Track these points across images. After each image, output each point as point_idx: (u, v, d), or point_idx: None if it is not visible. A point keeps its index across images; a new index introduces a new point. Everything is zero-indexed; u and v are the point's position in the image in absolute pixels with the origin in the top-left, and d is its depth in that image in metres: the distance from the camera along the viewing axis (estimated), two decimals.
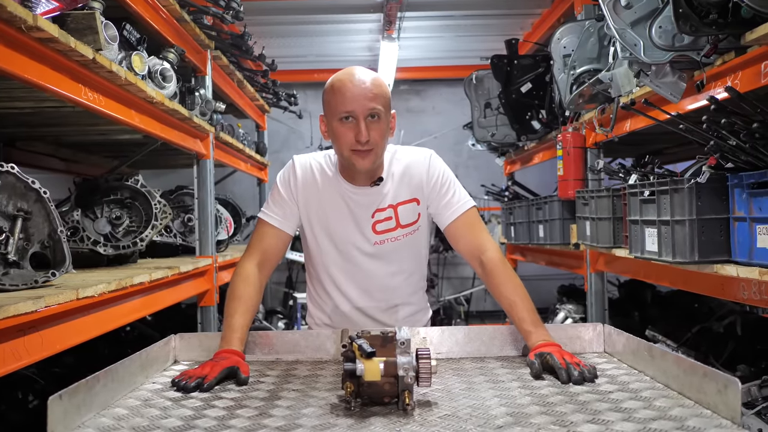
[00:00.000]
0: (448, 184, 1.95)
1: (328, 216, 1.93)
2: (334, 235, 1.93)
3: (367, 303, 1.96)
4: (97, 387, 1.32)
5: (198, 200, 3.65)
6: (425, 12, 5.62)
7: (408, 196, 1.93)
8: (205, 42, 3.67)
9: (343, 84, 1.80)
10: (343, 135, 1.80)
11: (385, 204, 1.92)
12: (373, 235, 1.92)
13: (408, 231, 1.94)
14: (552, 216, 4.22)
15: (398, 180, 1.94)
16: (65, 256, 2.16)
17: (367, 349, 1.29)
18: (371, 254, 1.94)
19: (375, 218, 1.92)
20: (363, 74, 1.81)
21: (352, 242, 1.93)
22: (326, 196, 1.93)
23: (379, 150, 1.84)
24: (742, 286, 2.22)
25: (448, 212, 1.93)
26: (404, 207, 1.93)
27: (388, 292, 1.97)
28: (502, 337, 1.77)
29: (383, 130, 1.81)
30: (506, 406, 1.31)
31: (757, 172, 2.08)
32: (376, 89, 1.79)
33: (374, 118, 1.79)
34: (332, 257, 1.95)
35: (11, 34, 1.77)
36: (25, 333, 1.79)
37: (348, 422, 1.24)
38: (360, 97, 1.77)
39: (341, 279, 1.96)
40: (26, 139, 3.63)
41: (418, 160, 1.96)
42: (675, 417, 1.20)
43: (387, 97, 1.83)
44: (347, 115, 1.78)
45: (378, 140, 1.80)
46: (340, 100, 1.79)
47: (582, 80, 3.36)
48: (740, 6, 1.98)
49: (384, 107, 1.80)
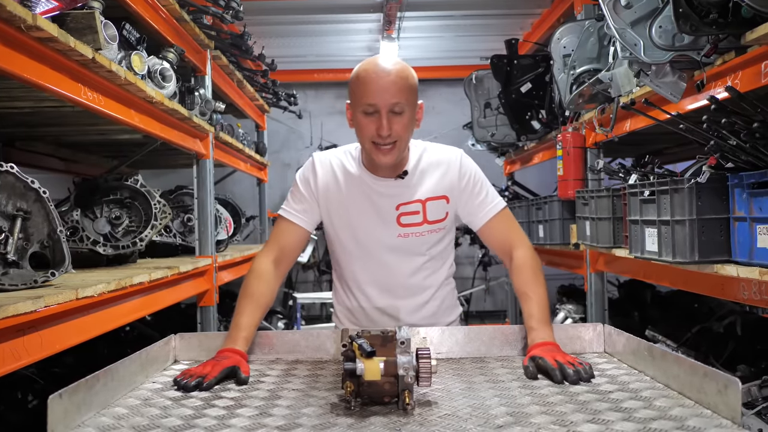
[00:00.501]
0: (480, 184, 1.95)
1: (349, 210, 1.91)
2: (357, 229, 1.91)
3: (390, 301, 1.94)
4: (98, 386, 1.32)
5: (197, 200, 3.65)
6: (425, 12, 5.62)
7: (438, 193, 1.91)
8: (204, 42, 3.67)
9: (368, 75, 1.78)
10: (366, 127, 1.79)
11: (413, 198, 1.90)
12: (397, 227, 1.89)
13: (434, 228, 1.92)
14: (552, 216, 4.22)
15: (428, 176, 1.92)
16: (65, 256, 2.16)
17: (367, 348, 1.29)
18: (394, 248, 1.91)
19: (400, 211, 1.90)
20: (389, 65, 1.78)
21: (375, 235, 1.90)
22: (348, 191, 1.91)
23: (402, 144, 1.82)
24: (743, 286, 2.22)
25: (482, 212, 1.93)
26: (433, 203, 1.91)
27: (411, 289, 1.95)
28: (502, 337, 1.77)
29: (406, 124, 1.80)
30: (506, 405, 1.31)
31: (757, 172, 2.08)
32: (401, 82, 1.77)
33: (397, 112, 1.77)
34: (355, 253, 1.94)
35: (10, 34, 1.77)
36: (24, 333, 1.78)
37: (348, 422, 1.24)
38: (383, 91, 1.75)
39: (364, 276, 1.94)
40: (26, 139, 3.63)
41: (449, 158, 1.95)
42: (675, 417, 1.20)
43: (412, 89, 1.80)
44: (370, 108, 1.77)
45: (400, 134, 1.79)
46: (363, 92, 1.78)
47: (582, 80, 3.36)
48: (740, 6, 1.98)
49: (408, 101, 1.78)
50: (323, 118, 7.39)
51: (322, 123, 7.36)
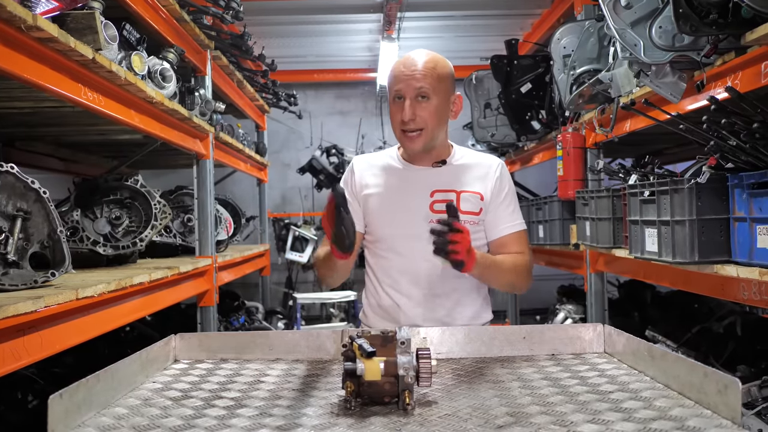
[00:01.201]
0: (511, 197, 1.99)
1: (383, 198, 1.95)
2: (389, 216, 1.93)
3: (421, 295, 1.92)
4: (98, 386, 1.31)
5: (198, 200, 3.65)
6: (425, 12, 5.62)
7: (475, 188, 1.94)
8: (204, 42, 3.67)
9: (397, 65, 1.89)
10: (394, 114, 1.87)
11: (448, 187, 1.92)
12: (429, 213, 1.89)
13: (468, 219, 1.90)
14: (552, 216, 4.22)
15: (466, 172, 1.96)
16: (65, 256, 2.16)
17: (368, 348, 1.29)
18: (426, 234, 1.85)
19: (434, 198, 1.91)
20: (418, 55, 1.87)
21: (407, 221, 1.91)
22: (384, 180, 1.96)
23: (429, 132, 1.86)
24: (742, 286, 2.22)
25: (504, 225, 1.96)
26: (468, 195, 1.93)
27: (442, 283, 1.92)
28: (503, 337, 1.77)
29: (433, 111, 1.84)
30: (506, 405, 1.31)
31: (757, 172, 2.08)
32: (427, 70, 1.84)
33: (423, 99, 1.83)
34: (388, 242, 1.95)
35: (11, 34, 1.77)
36: (24, 333, 1.79)
37: (348, 422, 1.23)
38: (408, 78, 1.83)
39: (396, 266, 1.94)
40: (26, 139, 3.63)
41: (491, 163, 1.99)
42: (675, 417, 1.20)
43: (440, 77, 1.86)
44: (397, 95, 1.85)
45: (427, 120, 1.84)
46: (392, 81, 1.87)
47: (582, 80, 3.36)
48: (740, 6, 1.98)
49: (434, 87, 1.83)
50: (323, 119, 7.39)
51: (322, 123, 7.36)
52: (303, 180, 7.01)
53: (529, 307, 6.37)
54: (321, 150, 6.67)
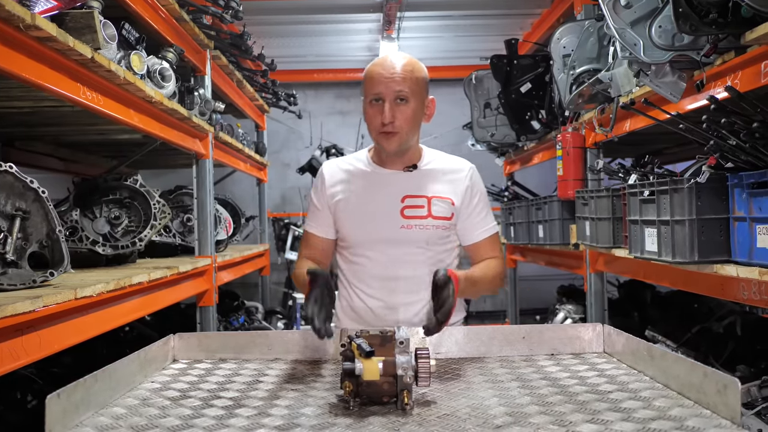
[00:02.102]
0: (483, 203, 2.02)
1: (354, 202, 1.96)
2: (360, 220, 1.94)
3: (392, 297, 1.94)
4: (96, 386, 1.31)
5: (197, 200, 3.65)
6: (425, 12, 5.61)
7: (445, 194, 1.95)
8: (204, 42, 3.67)
9: (375, 68, 1.89)
10: (372, 117, 1.88)
11: (419, 192, 1.94)
12: (400, 218, 1.92)
13: (439, 224, 1.93)
14: (551, 216, 4.22)
15: (437, 177, 1.97)
16: (63, 256, 2.15)
17: (366, 348, 1.28)
18: (397, 240, 1.92)
19: (405, 203, 1.93)
20: (396, 59, 1.89)
21: (378, 225, 1.93)
22: (355, 185, 1.97)
23: (406, 133, 1.88)
24: (742, 286, 2.22)
25: (478, 231, 2.00)
26: (439, 201, 1.94)
27: (414, 284, 1.93)
28: (502, 337, 1.77)
29: (411, 114, 1.86)
30: (505, 405, 1.31)
31: (756, 171, 2.08)
32: (406, 73, 1.86)
33: (402, 101, 1.85)
34: (359, 246, 1.96)
35: (9, 33, 1.77)
36: (23, 333, 1.78)
37: (347, 422, 1.23)
38: (387, 80, 1.85)
39: (368, 269, 1.96)
40: (25, 139, 3.63)
41: (462, 168, 2.01)
42: (674, 417, 1.20)
43: (418, 81, 1.88)
44: (376, 98, 1.86)
45: (404, 123, 1.86)
46: (370, 84, 1.88)
47: (582, 80, 3.35)
48: (740, 5, 1.98)
49: (412, 90, 1.86)
50: (323, 118, 7.39)
51: (322, 123, 7.36)
52: (303, 180, 7.00)
53: (528, 307, 6.37)
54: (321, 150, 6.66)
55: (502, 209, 5.73)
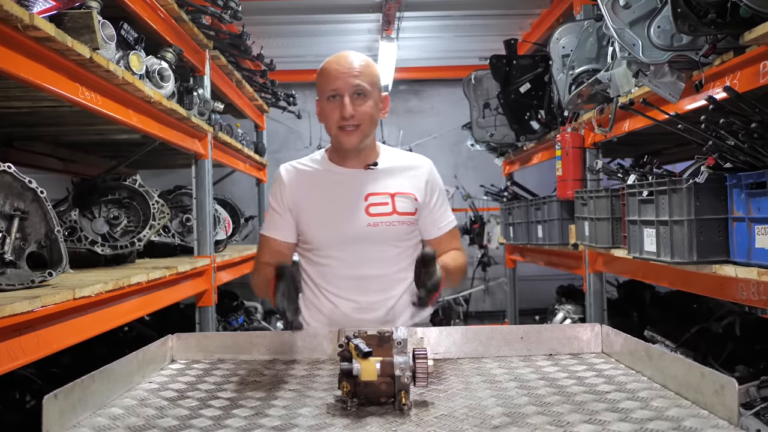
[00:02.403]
0: (443, 198, 2.04)
1: (318, 204, 1.94)
2: (326, 221, 1.93)
3: (362, 296, 1.94)
4: (93, 386, 1.31)
5: (196, 200, 3.65)
6: (424, 12, 5.61)
7: (407, 189, 1.96)
8: (203, 42, 3.67)
9: (330, 64, 1.91)
10: (330, 113, 1.88)
11: (382, 190, 1.94)
12: (366, 216, 1.92)
13: (404, 220, 1.95)
14: (551, 216, 4.22)
15: (397, 174, 1.97)
16: (62, 256, 2.15)
17: (364, 348, 1.28)
18: (364, 237, 1.92)
19: (369, 201, 1.93)
20: (350, 55, 1.92)
21: (344, 224, 1.92)
22: (316, 186, 1.96)
23: (366, 128, 1.89)
24: (741, 286, 2.22)
25: (441, 224, 2.03)
26: (402, 197, 1.95)
27: (383, 282, 1.94)
28: (500, 338, 1.77)
29: (369, 108, 1.87)
30: (503, 406, 1.31)
31: (755, 172, 2.08)
32: (362, 68, 1.88)
33: (360, 96, 1.86)
34: (326, 247, 1.95)
35: (7, 33, 1.76)
36: (21, 333, 1.78)
37: (344, 422, 1.23)
38: (344, 75, 1.86)
39: (335, 270, 1.94)
40: (24, 139, 3.63)
41: (421, 164, 2.02)
42: (672, 417, 1.20)
43: (374, 76, 1.90)
44: (333, 94, 1.87)
45: (364, 117, 1.87)
46: (326, 80, 1.89)
47: (581, 80, 3.35)
48: (739, 6, 1.98)
49: (370, 85, 1.87)
50: None
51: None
52: None
53: (528, 307, 6.37)
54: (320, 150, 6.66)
55: (502, 209, 5.73)
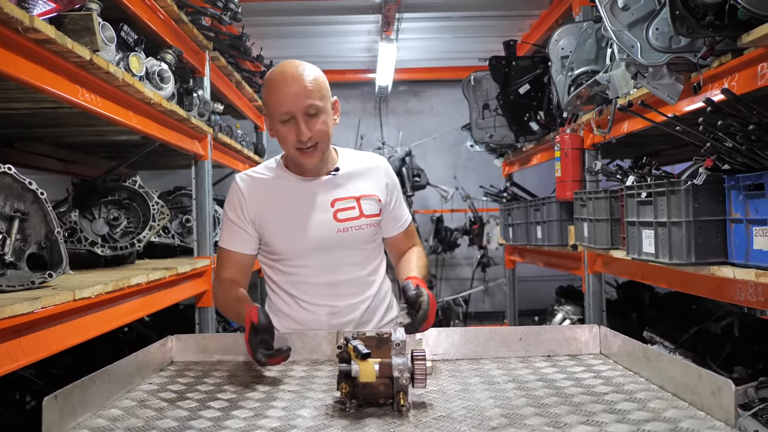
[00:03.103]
0: (399, 196, 2.05)
1: (284, 215, 1.89)
2: (295, 232, 1.88)
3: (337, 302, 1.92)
4: (93, 388, 1.32)
5: (196, 201, 3.65)
6: (423, 13, 5.63)
7: (371, 191, 1.95)
8: (203, 43, 3.67)
9: (276, 84, 1.80)
10: (286, 136, 1.81)
11: (347, 195, 1.93)
12: (335, 222, 1.90)
13: (372, 222, 1.94)
14: (550, 217, 4.23)
15: (359, 176, 1.96)
16: (62, 257, 2.16)
17: (363, 350, 1.29)
18: (337, 243, 1.89)
19: (336, 207, 1.91)
20: (297, 70, 1.80)
21: (315, 234, 1.88)
22: (279, 197, 1.91)
23: (324, 144, 1.85)
24: (739, 287, 2.23)
25: (397, 224, 2.05)
26: (367, 200, 1.94)
27: (356, 285, 1.94)
28: (499, 339, 1.78)
29: (324, 124, 1.81)
30: (501, 407, 1.31)
31: (753, 174, 2.09)
32: (311, 84, 1.79)
33: (313, 115, 1.79)
34: (296, 258, 1.91)
35: (8, 36, 1.77)
36: (21, 334, 1.79)
37: (343, 423, 1.24)
38: (295, 97, 1.77)
39: (307, 279, 1.91)
40: (24, 140, 3.63)
41: (379, 164, 2.02)
42: (669, 419, 1.21)
43: (324, 89, 1.82)
44: (286, 116, 1.79)
45: (320, 135, 1.81)
46: (275, 101, 1.79)
47: (580, 82, 3.36)
48: (736, 8, 1.98)
49: (322, 100, 1.80)
50: None
51: None
52: None
53: (527, 308, 6.38)
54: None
55: (501, 210, 5.74)
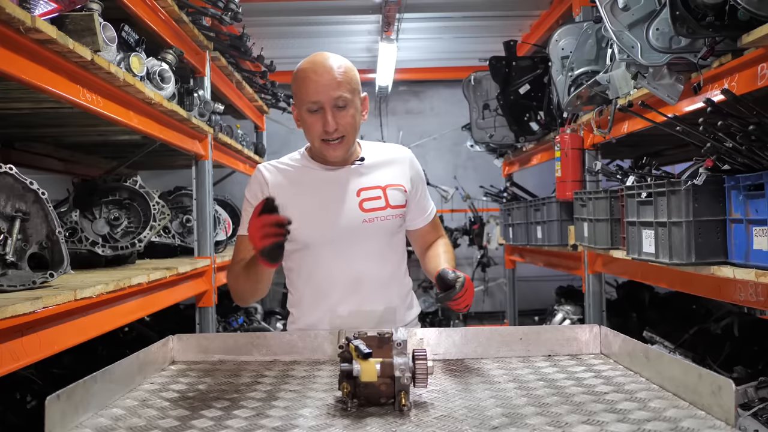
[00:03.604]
0: (425, 187, 2.03)
1: (308, 205, 1.86)
2: (320, 219, 1.86)
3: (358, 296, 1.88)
4: (95, 387, 1.32)
5: (196, 201, 3.66)
6: (424, 13, 5.63)
7: (397, 181, 1.93)
8: (203, 43, 3.68)
9: (307, 74, 1.81)
10: (312, 125, 1.81)
11: (373, 184, 1.90)
12: (360, 212, 1.87)
13: (397, 213, 1.91)
14: (550, 217, 4.23)
15: (385, 165, 1.94)
16: (63, 257, 2.16)
17: (364, 350, 1.29)
18: (361, 234, 1.86)
19: (361, 197, 1.88)
20: (327, 62, 1.81)
21: (339, 223, 1.86)
22: (303, 186, 1.88)
23: (350, 138, 1.83)
24: (739, 287, 2.23)
25: (423, 216, 2.02)
26: (393, 189, 1.91)
27: (379, 279, 1.90)
28: (499, 339, 1.78)
29: (352, 118, 1.81)
30: (502, 406, 1.31)
31: (753, 174, 2.09)
32: (341, 76, 1.79)
33: (342, 107, 1.79)
34: (319, 248, 1.87)
35: (10, 36, 1.77)
36: (23, 334, 1.79)
37: (344, 422, 1.24)
38: (325, 87, 1.77)
39: (333, 273, 1.88)
40: (25, 140, 3.64)
41: (404, 155, 2.00)
42: (669, 418, 1.21)
43: (354, 82, 1.82)
44: (314, 107, 1.79)
45: (347, 128, 1.80)
46: (305, 91, 1.80)
47: (580, 82, 3.37)
48: (737, 9, 1.99)
49: (351, 93, 1.79)
50: None
51: None
52: None
53: (527, 308, 6.39)
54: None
55: (501, 210, 5.74)
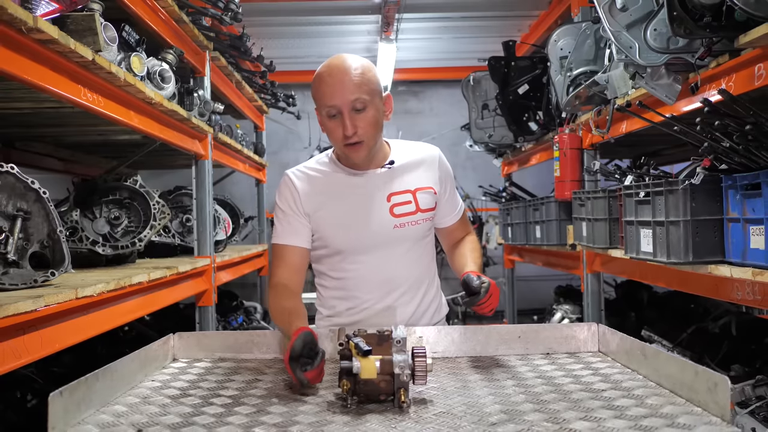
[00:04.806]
0: (453, 185, 2.02)
1: (340, 209, 1.85)
2: (352, 226, 1.85)
3: (391, 299, 1.89)
4: (97, 384, 1.33)
5: (196, 201, 3.67)
6: (423, 14, 5.64)
7: (426, 184, 1.91)
8: (203, 43, 3.69)
9: (323, 78, 1.78)
10: (333, 130, 1.78)
11: (402, 188, 1.88)
12: (391, 218, 1.85)
13: (427, 216, 1.90)
14: (549, 217, 4.24)
15: (414, 167, 1.91)
16: (64, 256, 2.17)
17: (364, 347, 1.30)
18: (392, 240, 1.86)
19: (392, 201, 1.86)
20: (344, 64, 1.77)
21: (371, 231, 1.85)
22: (333, 192, 1.86)
23: (371, 140, 1.79)
24: (736, 286, 2.24)
25: (452, 214, 2.01)
26: (422, 192, 1.90)
27: (411, 283, 1.90)
28: (498, 337, 1.79)
29: (372, 119, 1.76)
30: (500, 403, 1.33)
31: (750, 173, 2.10)
32: (358, 78, 1.74)
33: (360, 110, 1.75)
34: (351, 254, 1.87)
35: (12, 36, 1.79)
36: (24, 332, 1.80)
37: (344, 419, 1.25)
38: (341, 91, 1.73)
39: (363, 278, 1.88)
40: (25, 140, 3.65)
41: (433, 154, 1.97)
42: (666, 414, 1.22)
43: (372, 83, 1.77)
44: (333, 110, 1.76)
45: (367, 131, 1.76)
46: (322, 95, 1.77)
47: (578, 82, 3.38)
48: (734, 9, 2.00)
49: (370, 95, 1.75)
50: None
51: None
52: None
53: (526, 307, 6.40)
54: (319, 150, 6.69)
55: (500, 210, 5.75)
